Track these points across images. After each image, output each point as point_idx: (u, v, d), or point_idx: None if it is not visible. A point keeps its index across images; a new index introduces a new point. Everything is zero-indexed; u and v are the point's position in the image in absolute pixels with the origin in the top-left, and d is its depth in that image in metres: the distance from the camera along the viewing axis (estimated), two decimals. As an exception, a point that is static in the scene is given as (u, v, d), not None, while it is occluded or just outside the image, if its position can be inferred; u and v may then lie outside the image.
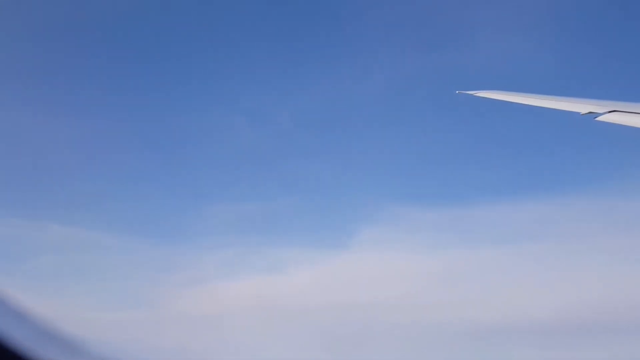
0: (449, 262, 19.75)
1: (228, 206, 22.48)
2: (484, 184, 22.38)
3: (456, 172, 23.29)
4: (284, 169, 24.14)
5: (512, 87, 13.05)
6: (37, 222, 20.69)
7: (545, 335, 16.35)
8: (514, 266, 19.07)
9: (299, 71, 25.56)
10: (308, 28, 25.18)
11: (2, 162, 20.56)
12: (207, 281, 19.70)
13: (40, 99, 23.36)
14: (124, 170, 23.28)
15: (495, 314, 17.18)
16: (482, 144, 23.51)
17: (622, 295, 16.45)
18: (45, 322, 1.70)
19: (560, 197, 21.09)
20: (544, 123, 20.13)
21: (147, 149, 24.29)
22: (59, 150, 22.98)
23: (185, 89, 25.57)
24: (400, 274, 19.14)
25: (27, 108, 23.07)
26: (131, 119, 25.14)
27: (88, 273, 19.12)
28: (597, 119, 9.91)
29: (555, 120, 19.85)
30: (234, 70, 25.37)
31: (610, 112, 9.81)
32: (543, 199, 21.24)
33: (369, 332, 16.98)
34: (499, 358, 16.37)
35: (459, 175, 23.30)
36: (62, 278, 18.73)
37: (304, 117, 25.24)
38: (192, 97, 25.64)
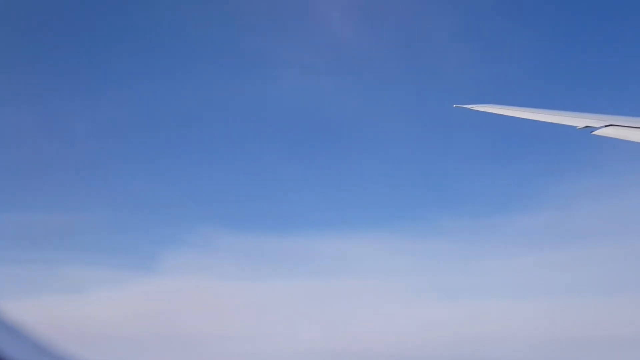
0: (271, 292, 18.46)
1: (17, 216, 19.03)
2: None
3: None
4: (90, 179, 20.89)
5: (508, 101, 13.07)
6: None
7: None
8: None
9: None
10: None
11: None
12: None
13: None
14: None
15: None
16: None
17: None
18: None
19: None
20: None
21: None
22: None
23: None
24: (205, 302, 17.76)
25: None
26: None
27: None
28: (593, 132, 9.93)
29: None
30: (36, 66, 21.37)
31: (606, 126, 9.83)
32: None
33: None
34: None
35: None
36: None
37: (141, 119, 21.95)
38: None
